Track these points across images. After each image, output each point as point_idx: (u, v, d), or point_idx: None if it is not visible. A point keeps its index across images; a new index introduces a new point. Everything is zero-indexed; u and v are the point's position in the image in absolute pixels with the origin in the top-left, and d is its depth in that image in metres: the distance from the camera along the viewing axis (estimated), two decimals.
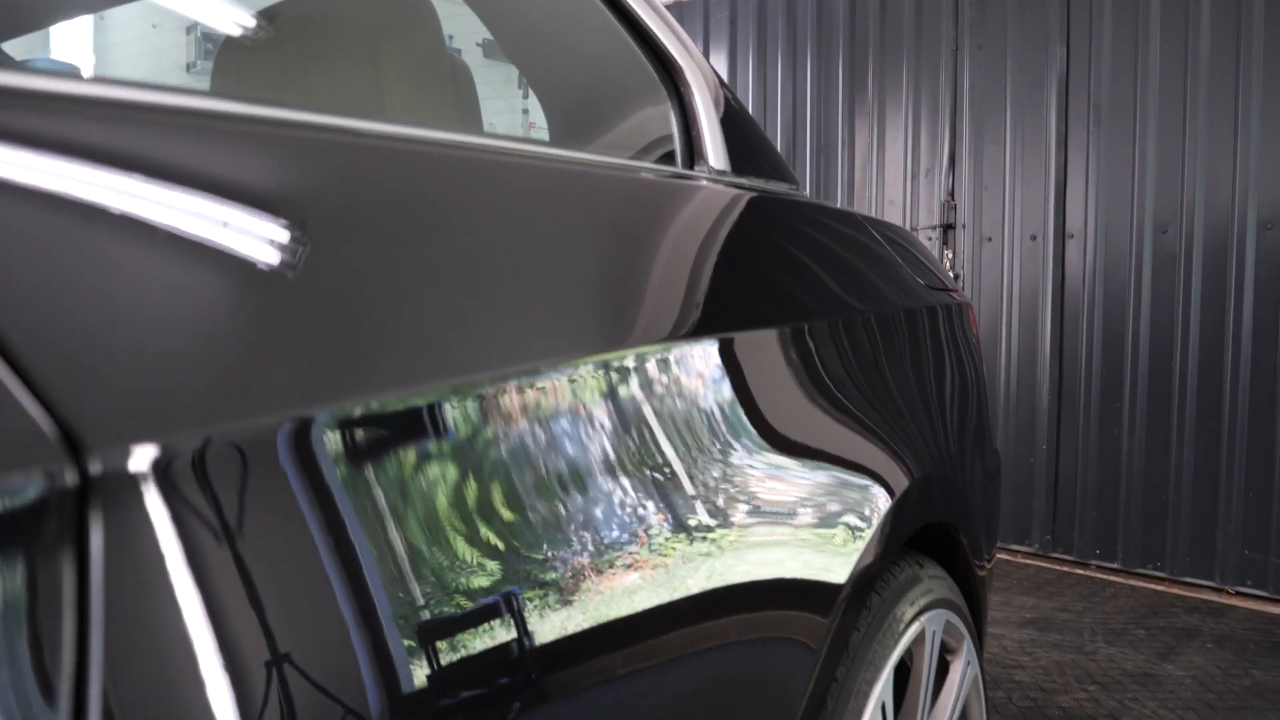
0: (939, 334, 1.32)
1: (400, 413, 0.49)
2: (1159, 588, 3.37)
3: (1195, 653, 2.74)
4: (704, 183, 0.95)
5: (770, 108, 4.63)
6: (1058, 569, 3.62)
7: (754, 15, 4.63)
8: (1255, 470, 3.18)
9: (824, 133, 4.44)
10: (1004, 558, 3.76)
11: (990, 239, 3.85)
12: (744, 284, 0.87)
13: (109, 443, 0.36)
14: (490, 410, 0.54)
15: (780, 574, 0.79)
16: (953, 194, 3.96)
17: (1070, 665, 2.63)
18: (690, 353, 0.74)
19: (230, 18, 1.12)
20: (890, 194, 4.18)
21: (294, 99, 0.85)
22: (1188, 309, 3.32)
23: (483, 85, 1.14)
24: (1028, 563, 3.70)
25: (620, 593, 0.61)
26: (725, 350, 0.79)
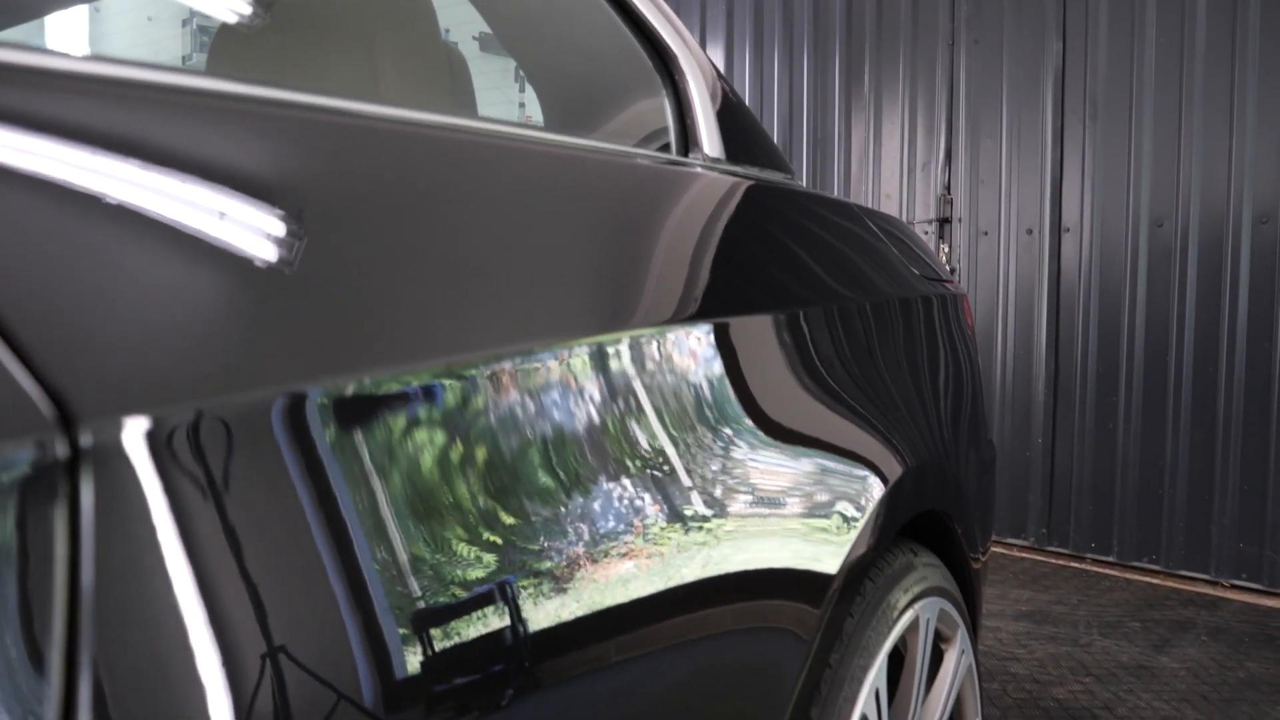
0: (933, 324, 1.32)
1: (393, 391, 0.49)
2: (1154, 581, 3.38)
3: (1190, 645, 2.74)
4: (698, 169, 0.95)
5: (767, 102, 4.63)
6: (1053, 562, 3.63)
7: (750, 9, 4.63)
8: (1250, 464, 3.19)
9: (820, 127, 4.44)
10: (1000, 551, 3.77)
11: (986, 233, 3.85)
12: (737, 270, 0.87)
13: (100, 414, 0.36)
14: (482, 390, 0.54)
15: (774, 559, 0.80)
16: (949, 188, 3.96)
17: (1065, 658, 2.64)
18: (683, 337, 0.74)
19: (227, 7, 1.12)
20: (887, 188, 4.19)
21: (290, 84, 0.84)
22: (1183, 303, 3.33)
23: (478, 76, 1.14)
24: (1023, 556, 3.71)
25: (611, 577, 0.61)
26: (718, 335, 0.79)
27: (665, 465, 0.69)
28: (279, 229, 0.47)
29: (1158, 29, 3.35)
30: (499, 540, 0.53)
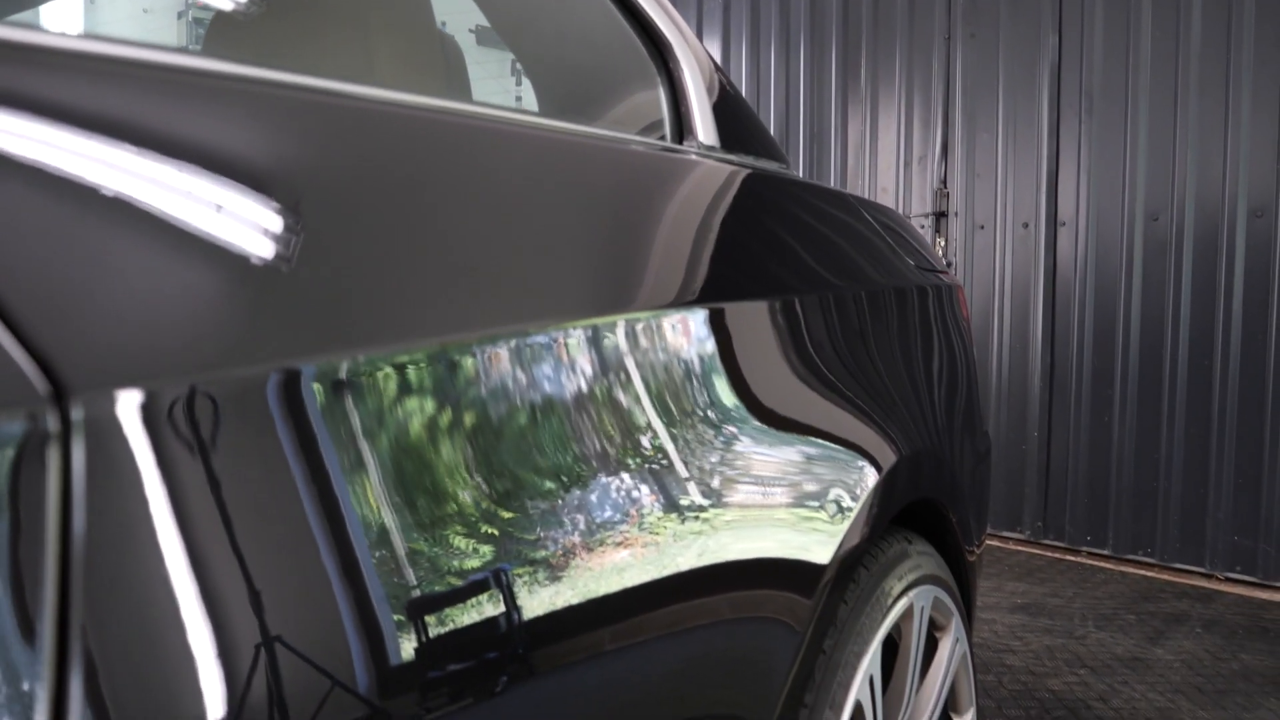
0: (928, 313, 1.32)
1: (387, 369, 0.49)
2: (1149, 574, 3.39)
3: (1184, 637, 2.75)
4: (693, 156, 0.95)
5: (763, 95, 4.63)
6: (1049, 555, 3.64)
7: (747, 2, 4.63)
8: (1245, 457, 3.20)
9: (817, 121, 4.44)
10: (996, 544, 3.78)
11: (982, 227, 3.85)
12: (729, 257, 0.87)
13: (93, 388, 0.36)
14: (476, 370, 0.54)
15: (768, 545, 0.80)
16: (945, 182, 3.96)
17: (1060, 649, 2.65)
18: (676, 322, 0.74)
19: None
20: (883, 181, 4.19)
21: (285, 68, 0.84)
22: (1178, 296, 3.34)
23: (474, 66, 1.14)
24: (1019, 549, 3.72)
25: (603, 562, 0.61)
26: (710, 321, 0.79)
27: (657, 449, 0.69)
28: (274, 208, 0.47)
29: (1153, 22, 3.36)
30: (487, 518, 0.53)
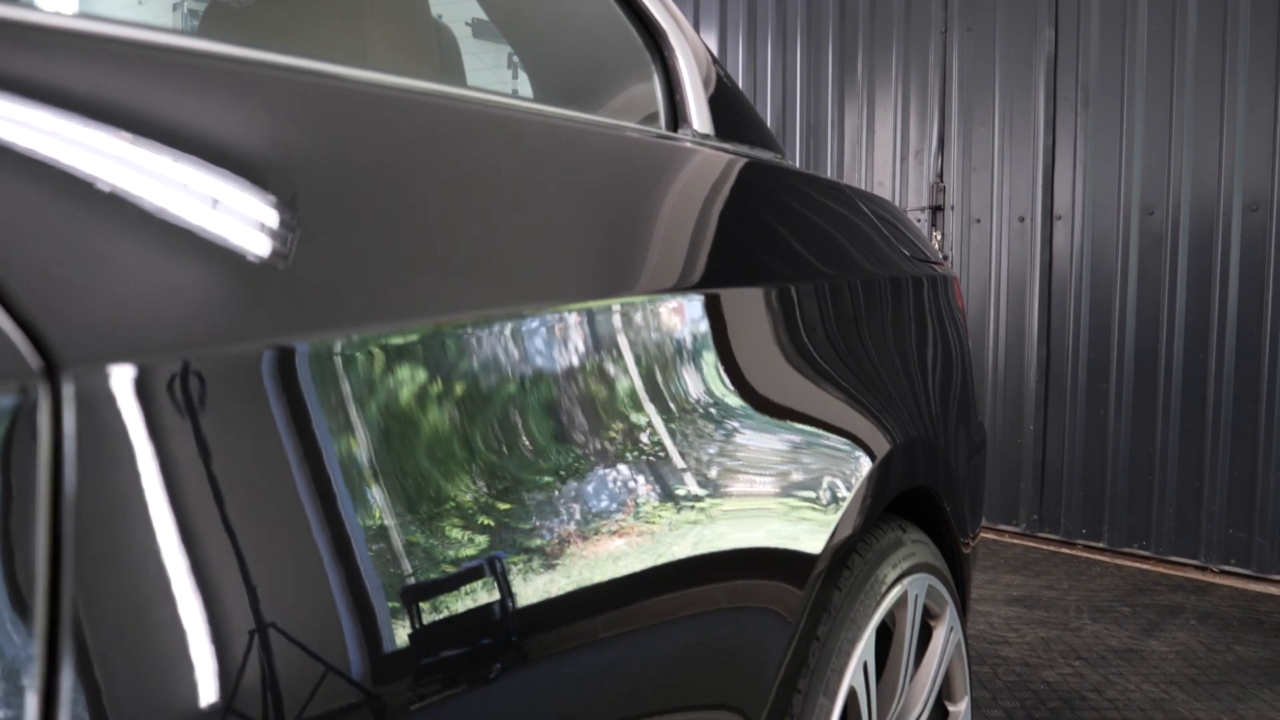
0: (923, 303, 1.32)
1: (381, 349, 0.49)
2: (1144, 566, 3.40)
3: (1179, 629, 2.76)
4: (688, 144, 0.95)
5: (760, 88, 4.62)
6: (1044, 548, 3.64)
7: None
8: (1240, 450, 3.20)
9: (813, 114, 4.44)
10: (992, 537, 3.78)
11: (979, 220, 3.85)
12: (721, 243, 0.87)
13: (84, 361, 0.36)
14: (468, 349, 0.55)
15: (762, 531, 0.80)
16: (941, 175, 3.96)
17: (1055, 641, 2.65)
18: (667, 307, 0.74)
19: None
20: (879, 175, 4.19)
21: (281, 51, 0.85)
22: (1174, 290, 3.34)
23: (469, 58, 1.14)
24: (1015, 542, 3.73)
25: (598, 548, 0.61)
26: (704, 307, 0.79)
27: (649, 435, 0.69)
28: (270, 187, 0.47)
29: (1149, 16, 3.36)
30: (479, 496, 0.53)
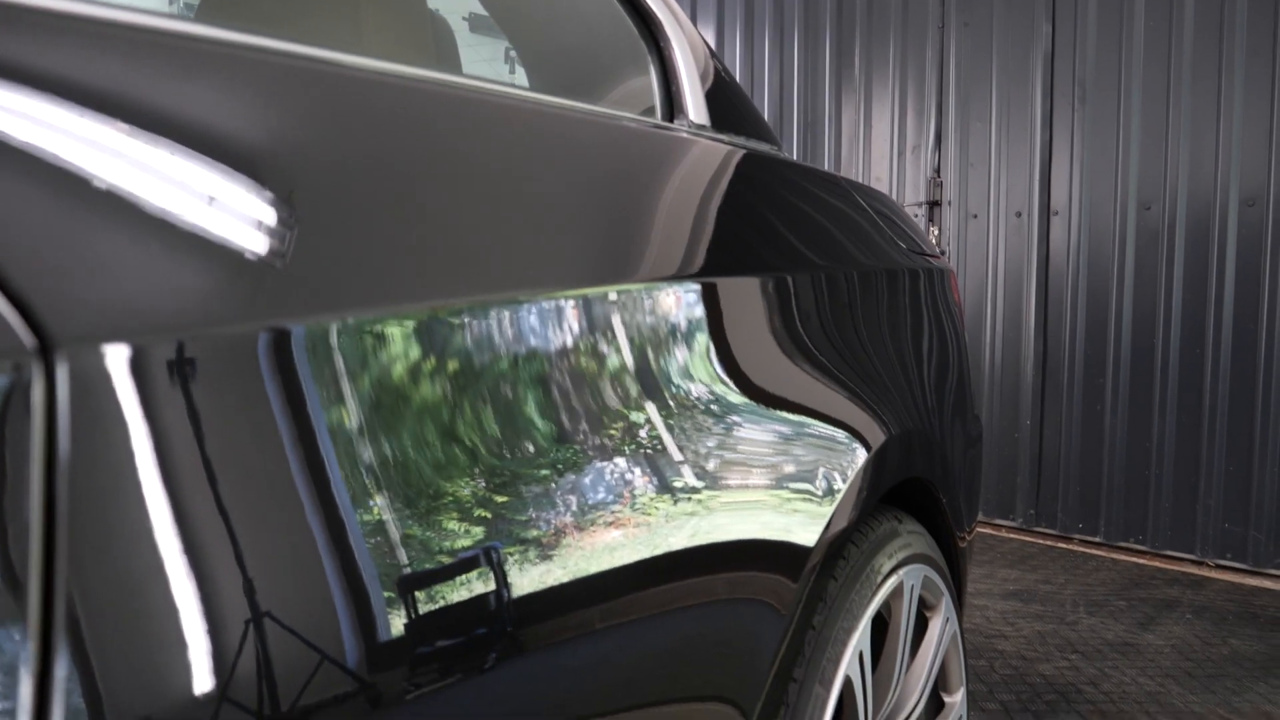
0: (919, 295, 1.32)
1: (376, 333, 0.49)
2: (1140, 560, 3.40)
3: (1175, 623, 2.77)
4: (684, 135, 0.95)
5: (757, 83, 4.62)
6: (1041, 543, 3.65)
7: None
8: (1236, 445, 3.21)
9: (811, 109, 4.44)
10: (988, 532, 3.79)
11: (976, 216, 3.86)
12: (715, 233, 0.88)
13: (78, 341, 0.36)
14: (464, 334, 0.55)
15: (757, 523, 0.80)
16: (939, 171, 3.96)
17: (1052, 635, 2.66)
18: (662, 296, 0.74)
19: None
20: (877, 170, 4.19)
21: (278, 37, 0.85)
22: (1170, 285, 3.35)
23: (467, 50, 1.14)
24: (1012, 537, 3.73)
25: (593, 539, 0.62)
26: (700, 296, 0.79)
27: (644, 425, 0.69)
28: (266, 170, 0.47)
29: (1146, 11, 3.36)
30: (472, 479, 0.53)
